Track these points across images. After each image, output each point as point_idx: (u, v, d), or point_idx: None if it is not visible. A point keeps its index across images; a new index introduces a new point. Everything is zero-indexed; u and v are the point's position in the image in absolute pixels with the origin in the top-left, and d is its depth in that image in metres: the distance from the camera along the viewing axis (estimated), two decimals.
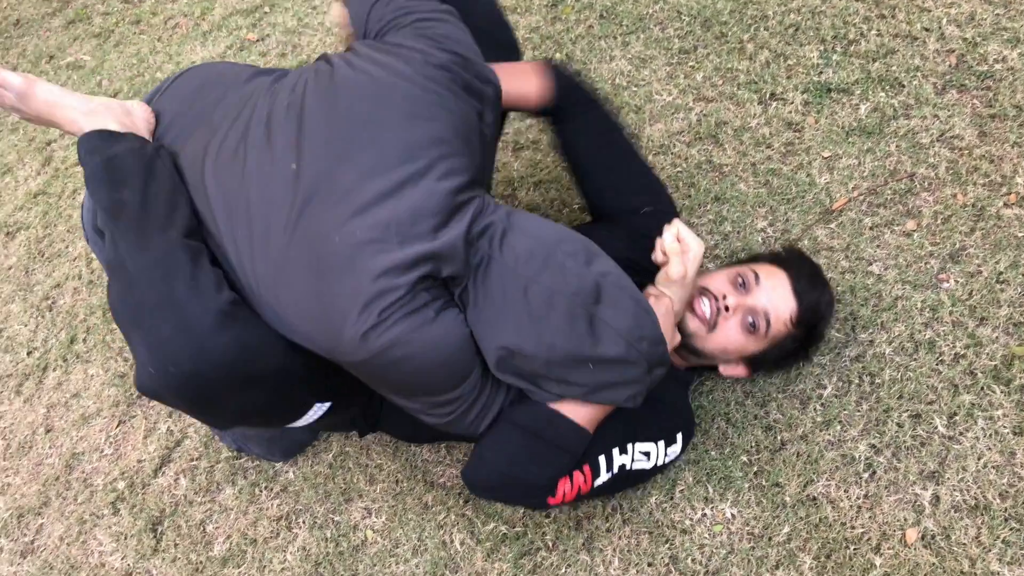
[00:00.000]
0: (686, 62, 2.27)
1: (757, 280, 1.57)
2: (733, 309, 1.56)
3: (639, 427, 1.50)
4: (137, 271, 1.26)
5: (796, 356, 1.64)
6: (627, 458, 1.48)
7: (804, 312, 1.55)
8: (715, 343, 1.58)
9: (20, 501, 1.90)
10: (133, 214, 1.31)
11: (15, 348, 2.19)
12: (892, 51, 2.09)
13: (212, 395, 1.23)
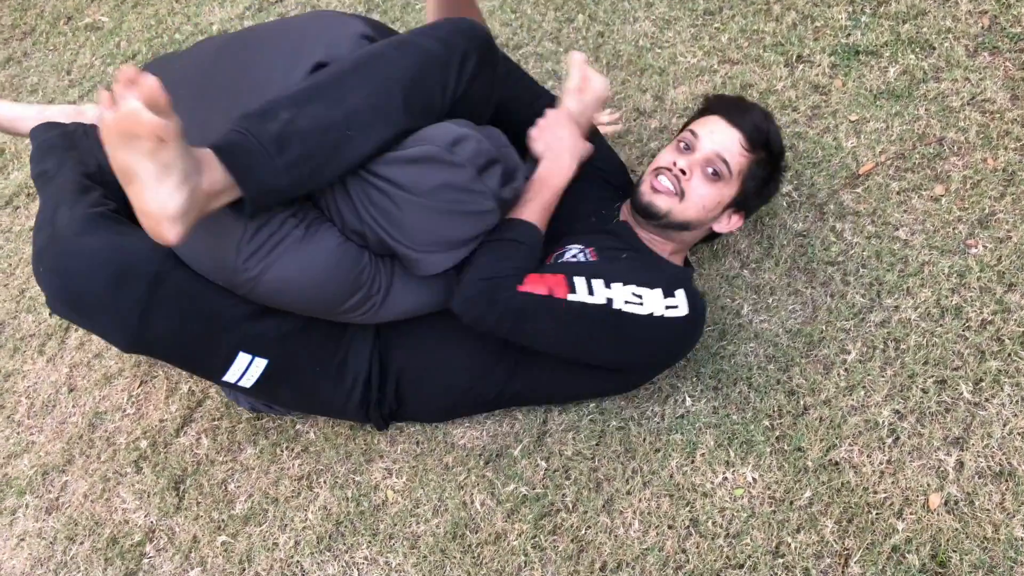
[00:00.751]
0: (711, 23, 2.23)
1: (696, 135, 1.62)
2: (689, 169, 1.60)
3: (629, 273, 1.50)
4: (38, 212, 1.46)
5: (772, 179, 1.67)
6: (613, 293, 1.45)
7: (750, 134, 1.60)
8: (693, 207, 1.60)
9: (44, 459, 1.92)
10: (50, 177, 1.54)
11: (37, 308, 2.20)
12: (923, 12, 2.05)
13: (88, 296, 1.31)
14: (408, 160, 1.32)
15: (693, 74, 2.15)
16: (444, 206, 1.35)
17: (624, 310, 1.44)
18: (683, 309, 1.49)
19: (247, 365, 1.47)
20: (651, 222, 1.63)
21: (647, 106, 2.13)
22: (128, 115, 1.06)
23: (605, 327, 1.46)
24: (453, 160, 1.32)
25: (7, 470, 1.92)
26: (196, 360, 1.47)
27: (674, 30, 2.25)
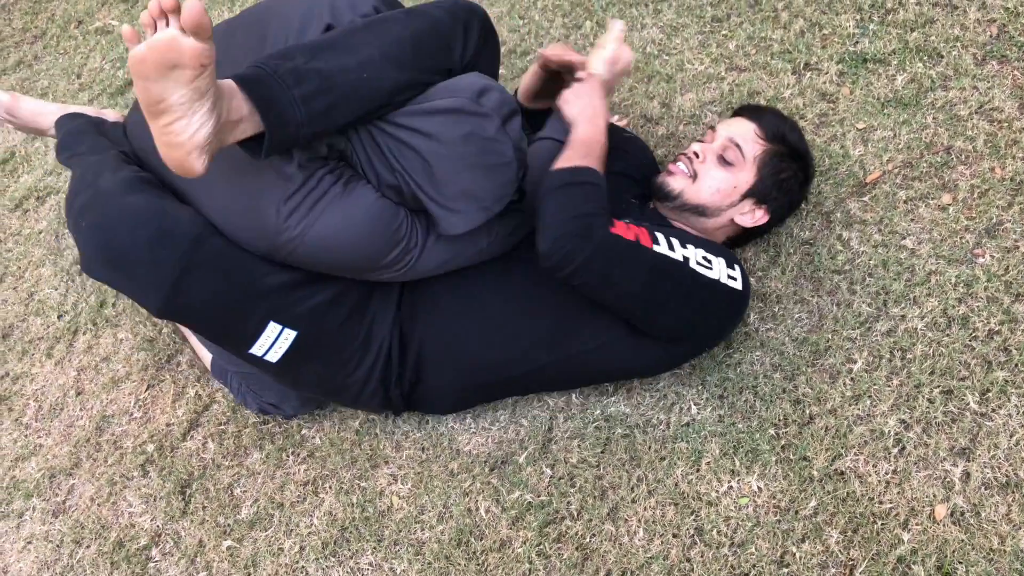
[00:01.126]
0: (719, 31, 2.23)
1: (714, 129, 1.74)
2: (702, 152, 1.69)
3: (696, 240, 1.56)
4: (75, 180, 1.50)
5: (796, 176, 1.70)
6: (688, 253, 1.50)
7: (765, 125, 1.67)
8: (706, 189, 1.67)
9: (52, 462, 1.93)
10: (83, 155, 1.59)
11: (46, 312, 2.22)
12: (931, 20, 2.05)
13: (129, 252, 1.35)
14: (436, 111, 1.34)
15: (700, 81, 2.15)
16: (472, 156, 1.35)
17: (697, 271, 1.49)
18: (739, 283, 1.55)
19: (277, 335, 1.47)
20: (666, 203, 1.69)
21: (654, 113, 2.14)
22: (170, 42, 1.06)
23: (680, 283, 1.49)
24: (479, 110, 1.33)
25: (15, 473, 1.93)
26: (226, 327, 1.47)
27: (681, 37, 2.25)
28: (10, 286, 2.31)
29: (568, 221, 1.42)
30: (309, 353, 1.52)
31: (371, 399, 1.65)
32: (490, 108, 1.34)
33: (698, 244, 1.54)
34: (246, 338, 1.47)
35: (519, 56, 2.38)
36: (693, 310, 1.53)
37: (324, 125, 1.30)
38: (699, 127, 2.07)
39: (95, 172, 1.47)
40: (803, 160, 1.71)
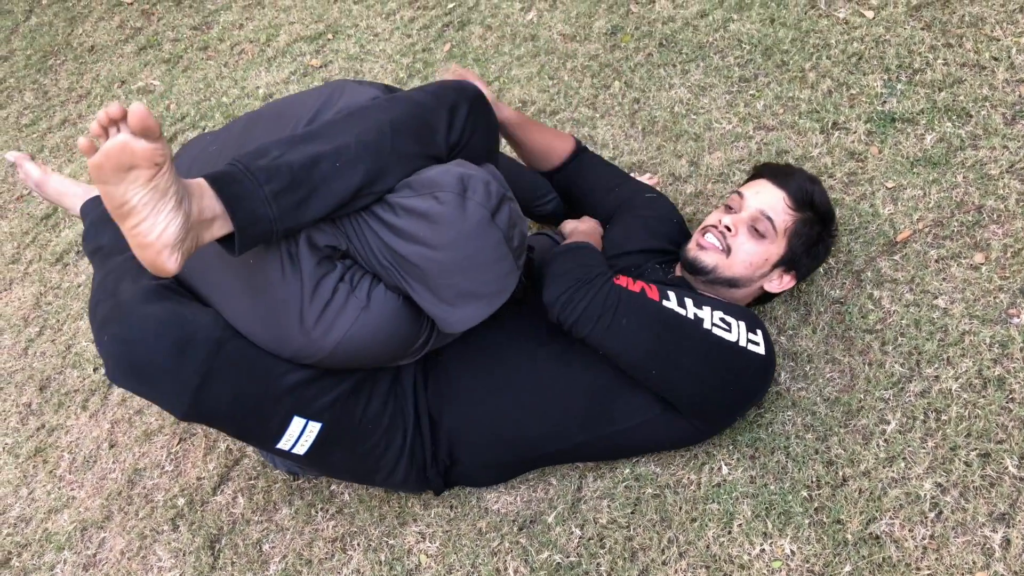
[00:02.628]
0: (746, 90, 2.26)
1: (742, 196, 1.69)
2: (734, 226, 1.65)
3: (715, 303, 1.56)
4: (97, 286, 1.55)
5: (820, 239, 1.69)
6: (704, 314, 1.50)
7: (794, 193, 1.65)
8: (739, 263, 1.65)
9: (84, 514, 1.94)
10: (107, 253, 1.65)
11: (82, 364, 2.25)
12: (959, 80, 2.06)
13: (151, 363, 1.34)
14: (420, 214, 1.31)
15: (728, 140, 2.17)
16: (463, 260, 1.34)
17: (713, 331, 1.49)
18: (762, 348, 1.54)
19: (302, 429, 1.48)
20: (699, 277, 1.68)
21: (682, 171, 2.16)
22: (122, 146, 1.08)
23: (695, 343, 1.48)
24: (462, 212, 1.31)
25: (47, 525, 1.95)
26: (251, 426, 1.47)
27: (709, 97, 2.28)
28: (48, 338, 2.35)
29: (571, 271, 1.49)
30: (336, 442, 1.53)
31: (405, 481, 1.66)
32: (475, 204, 1.32)
33: (716, 306, 1.54)
34: (271, 435, 1.48)
35: (548, 115, 2.42)
36: (710, 369, 1.50)
37: (298, 220, 1.29)
38: (727, 185, 2.09)
39: (116, 279, 1.50)
40: (830, 220, 1.70)
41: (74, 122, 3.06)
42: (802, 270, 1.71)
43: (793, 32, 2.32)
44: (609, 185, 1.94)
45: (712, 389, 1.54)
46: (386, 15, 2.95)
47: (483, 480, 1.74)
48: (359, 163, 1.31)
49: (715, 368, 1.51)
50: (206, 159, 1.52)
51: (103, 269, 1.60)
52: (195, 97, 2.96)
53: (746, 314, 1.57)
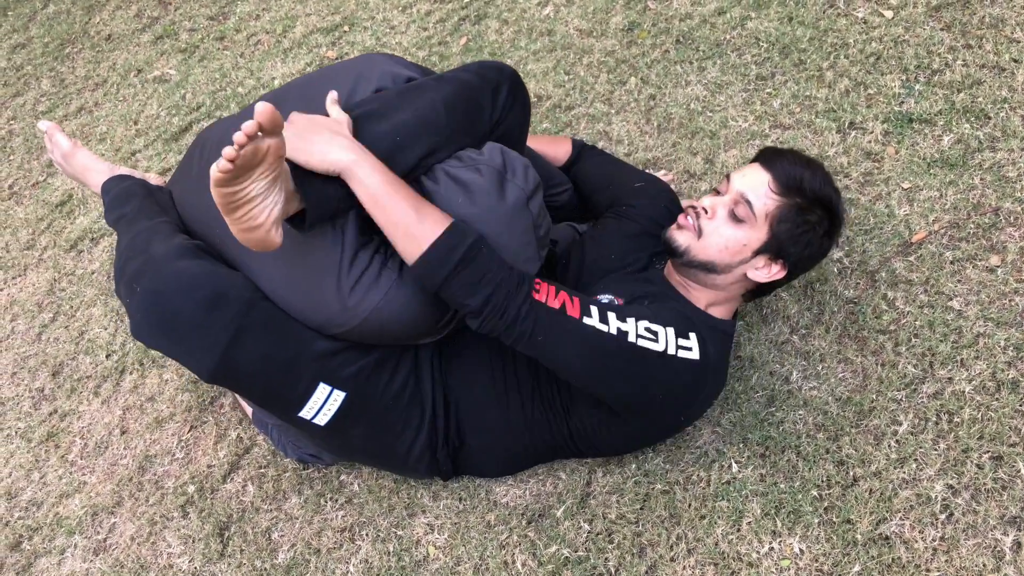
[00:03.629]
0: (763, 88, 2.25)
1: (728, 179, 1.60)
2: (711, 209, 1.57)
3: (642, 311, 1.46)
4: (124, 246, 1.55)
5: (815, 229, 1.54)
6: (628, 326, 1.41)
7: (779, 176, 1.52)
8: (713, 246, 1.55)
9: (95, 499, 1.96)
10: (131, 219, 1.65)
11: (95, 351, 2.26)
12: (978, 82, 2.05)
13: (182, 316, 1.36)
14: (461, 182, 1.38)
15: (744, 138, 2.16)
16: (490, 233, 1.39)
17: (638, 344, 1.40)
18: (695, 352, 1.44)
19: (326, 397, 1.49)
20: (674, 260, 1.63)
21: (697, 169, 2.15)
22: (252, 149, 1.12)
23: (618, 356, 1.40)
24: (504, 188, 1.38)
25: (59, 509, 1.96)
26: (276, 390, 1.47)
27: (726, 94, 2.27)
28: (62, 324, 2.36)
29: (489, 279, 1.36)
30: (357, 415, 1.53)
31: (419, 463, 1.65)
32: (514, 186, 1.40)
33: (641, 316, 1.44)
34: (295, 401, 1.48)
35: (563, 111, 2.42)
36: (638, 380, 1.44)
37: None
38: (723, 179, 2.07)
39: (146, 239, 1.52)
40: (827, 207, 1.54)
41: (90, 110, 3.07)
42: (791, 259, 1.56)
43: (811, 31, 2.31)
44: (606, 182, 1.93)
45: (644, 398, 1.48)
46: (403, 8, 2.95)
47: (490, 468, 1.73)
48: (418, 139, 1.37)
49: (641, 379, 1.44)
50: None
51: (130, 232, 1.60)
52: (211, 87, 2.97)
53: (678, 319, 1.47)
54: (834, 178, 1.86)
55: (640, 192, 1.85)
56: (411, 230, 1.33)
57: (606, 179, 1.93)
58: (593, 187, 1.93)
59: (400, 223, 1.33)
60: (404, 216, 1.33)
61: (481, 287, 1.35)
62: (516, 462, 1.73)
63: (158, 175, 2.06)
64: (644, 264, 1.72)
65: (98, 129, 2.97)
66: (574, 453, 1.70)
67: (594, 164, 1.98)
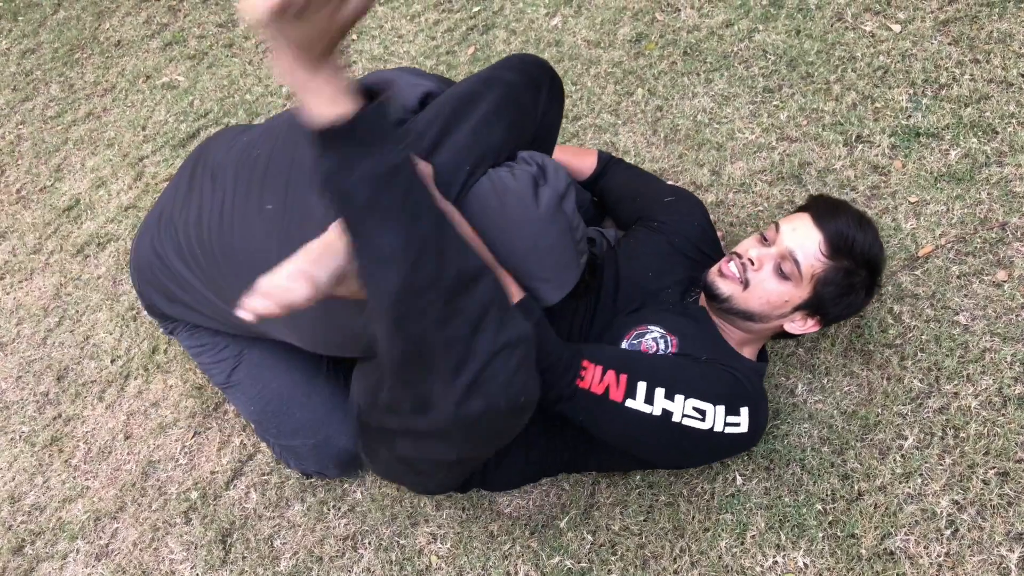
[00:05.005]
0: (770, 101, 2.25)
1: (778, 229, 1.58)
2: (758, 261, 1.56)
3: (699, 382, 1.46)
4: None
5: (857, 290, 1.54)
6: (675, 406, 1.42)
7: (832, 238, 1.51)
8: (756, 299, 1.56)
9: (98, 504, 1.95)
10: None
11: (100, 355, 2.27)
12: (986, 97, 2.05)
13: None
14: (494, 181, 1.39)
15: (751, 150, 2.16)
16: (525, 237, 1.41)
17: (683, 423, 1.42)
18: (744, 427, 1.47)
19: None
20: (713, 304, 1.61)
21: (704, 180, 2.15)
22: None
23: (660, 436, 1.44)
24: (538, 194, 1.39)
25: (62, 514, 1.96)
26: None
27: (733, 106, 2.27)
28: (67, 329, 2.37)
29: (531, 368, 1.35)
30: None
31: (453, 486, 1.64)
32: (549, 190, 1.40)
33: (695, 391, 1.44)
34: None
35: (570, 121, 2.42)
36: (678, 455, 1.52)
37: None
38: (749, 195, 2.08)
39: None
40: (873, 268, 1.54)
41: (99, 115, 3.08)
42: (829, 317, 1.58)
43: (819, 44, 2.32)
44: (632, 194, 1.92)
45: (678, 464, 1.61)
46: (411, 17, 2.97)
47: (499, 482, 1.71)
48: (473, 157, 1.38)
49: (684, 452, 1.51)
50: (250, 163, 1.55)
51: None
52: (219, 94, 2.98)
53: (730, 394, 1.47)
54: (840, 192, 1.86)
55: (671, 208, 1.84)
56: None
57: (633, 191, 1.93)
58: (619, 198, 1.93)
59: None
60: None
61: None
62: (525, 478, 1.71)
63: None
64: (681, 291, 1.70)
65: (106, 134, 2.98)
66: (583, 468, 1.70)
67: (621, 177, 1.98)
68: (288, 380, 1.78)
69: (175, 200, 1.70)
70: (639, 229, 1.83)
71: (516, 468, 1.65)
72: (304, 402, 1.77)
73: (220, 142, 1.72)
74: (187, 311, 1.74)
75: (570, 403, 1.43)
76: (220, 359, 1.82)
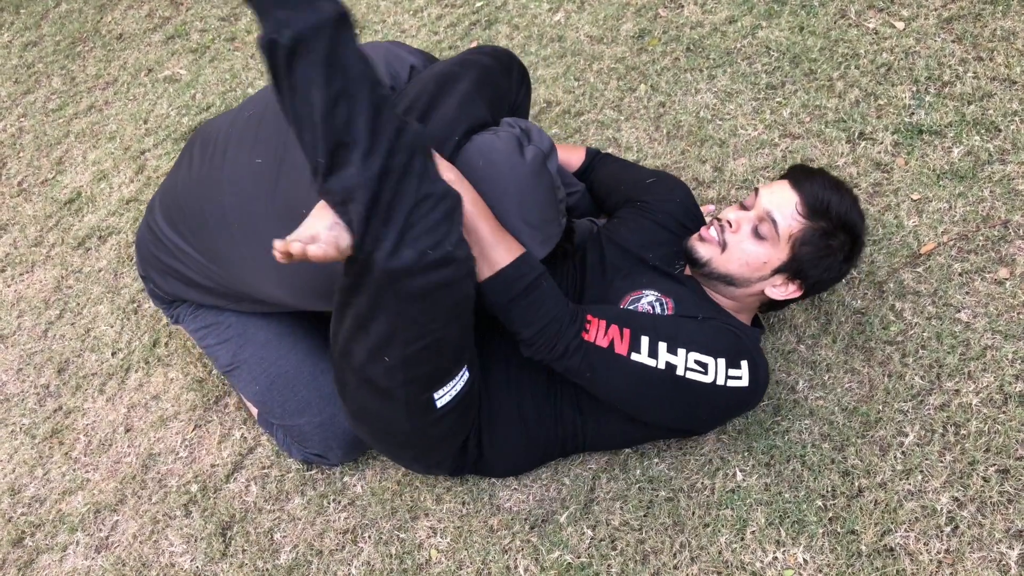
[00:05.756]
0: (773, 97, 2.25)
1: (756, 194, 1.61)
2: (735, 223, 1.59)
3: (699, 336, 1.50)
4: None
5: (835, 252, 1.55)
6: (678, 359, 1.46)
7: (808, 199, 1.53)
8: (734, 261, 1.58)
9: (98, 497, 1.95)
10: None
11: (101, 348, 2.27)
12: (989, 94, 2.04)
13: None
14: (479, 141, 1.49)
15: (753, 147, 2.16)
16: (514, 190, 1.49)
17: (686, 376, 1.46)
18: (744, 380, 1.49)
19: (460, 380, 1.51)
20: (695, 270, 1.64)
21: (706, 176, 2.15)
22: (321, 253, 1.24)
23: (664, 390, 1.47)
24: (524, 151, 1.48)
25: (62, 506, 1.96)
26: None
27: (735, 103, 2.27)
28: (68, 322, 2.37)
29: (542, 314, 1.47)
30: (464, 403, 1.54)
31: (447, 457, 1.66)
32: (533, 148, 1.49)
33: (696, 345, 1.47)
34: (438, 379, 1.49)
35: (572, 116, 2.42)
36: (684, 409, 1.53)
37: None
38: (751, 191, 2.07)
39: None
40: (851, 232, 1.55)
41: (100, 108, 3.08)
42: (810, 281, 1.58)
43: (822, 41, 2.31)
44: (617, 182, 1.94)
45: (688, 422, 1.59)
46: (414, 12, 2.96)
47: (498, 467, 1.71)
48: (461, 127, 1.49)
49: (689, 408, 1.52)
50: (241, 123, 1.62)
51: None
52: (221, 87, 2.98)
53: (730, 347, 1.50)
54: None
55: (652, 187, 1.87)
56: (486, 252, 1.44)
57: (617, 180, 1.95)
58: (607, 190, 1.95)
59: (476, 244, 1.42)
60: (481, 239, 1.43)
61: (537, 319, 1.46)
62: (523, 461, 1.71)
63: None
64: (668, 262, 1.72)
65: (108, 128, 2.98)
66: (579, 447, 1.71)
67: (607, 169, 2.00)
68: (294, 359, 1.79)
69: (169, 176, 1.77)
70: (624, 210, 1.86)
71: (512, 445, 1.66)
72: (309, 380, 1.78)
73: (214, 120, 1.77)
74: (184, 287, 1.78)
75: (575, 357, 1.47)
76: (225, 339, 1.83)
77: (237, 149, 1.58)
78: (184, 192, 1.67)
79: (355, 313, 1.36)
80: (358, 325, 1.36)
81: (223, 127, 1.66)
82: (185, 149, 1.78)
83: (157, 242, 1.75)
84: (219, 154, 1.61)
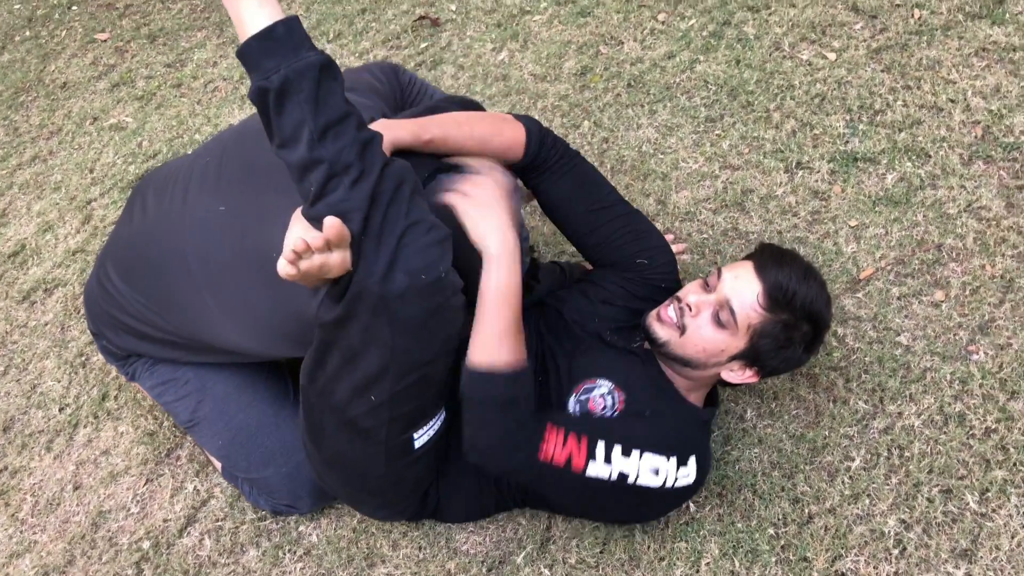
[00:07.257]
0: (712, 130, 2.30)
1: (720, 276, 1.56)
2: (696, 307, 1.54)
3: (651, 435, 1.49)
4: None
5: (796, 344, 1.52)
6: (630, 467, 1.44)
7: (770, 290, 1.48)
8: (692, 346, 1.54)
9: (46, 559, 1.91)
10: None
11: (47, 404, 2.23)
12: (918, 122, 2.11)
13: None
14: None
15: (695, 179, 2.20)
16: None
17: (638, 483, 1.45)
18: (691, 477, 1.49)
19: (436, 423, 1.53)
20: (654, 348, 1.61)
21: (650, 210, 2.18)
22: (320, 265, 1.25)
23: (615, 497, 1.49)
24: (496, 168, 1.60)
25: (8, 570, 1.91)
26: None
27: (676, 136, 2.32)
28: (13, 378, 2.32)
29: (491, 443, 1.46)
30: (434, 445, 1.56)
31: (412, 504, 1.66)
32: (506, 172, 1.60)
33: (649, 445, 1.46)
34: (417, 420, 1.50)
35: None
36: (633, 511, 1.60)
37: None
38: (694, 223, 2.12)
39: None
40: (814, 322, 1.52)
41: (44, 158, 3.05)
42: (767, 369, 1.57)
43: (758, 73, 2.37)
44: (589, 229, 1.72)
45: (633, 520, 1.66)
46: (359, 54, 2.98)
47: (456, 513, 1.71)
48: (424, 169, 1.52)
49: (635, 508, 1.57)
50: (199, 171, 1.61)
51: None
52: (168, 135, 2.96)
53: (681, 443, 1.49)
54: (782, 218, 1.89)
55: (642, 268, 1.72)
56: (488, 345, 1.43)
57: (590, 227, 1.73)
58: (574, 231, 1.75)
59: (487, 329, 1.43)
60: (494, 328, 1.43)
61: (499, 433, 1.44)
62: (476, 507, 1.71)
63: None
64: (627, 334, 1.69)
65: (53, 178, 2.95)
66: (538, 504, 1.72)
67: (566, 191, 1.70)
68: (256, 411, 1.78)
69: (117, 227, 1.75)
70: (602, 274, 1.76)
71: (465, 491, 1.66)
72: (273, 430, 1.77)
73: (162, 167, 1.76)
74: (138, 341, 1.75)
75: (526, 474, 1.49)
76: (183, 395, 1.80)
77: (198, 195, 1.58)
78: (139, 240, 1.66)
79: (343, 348, 1.36)
80: (346, 360, 1.37)
81: (177, 174, 1.66)
82: (133, 197, 1.77)
83: (108, 297, 1.73)
84: (178, 200, 1.60)
